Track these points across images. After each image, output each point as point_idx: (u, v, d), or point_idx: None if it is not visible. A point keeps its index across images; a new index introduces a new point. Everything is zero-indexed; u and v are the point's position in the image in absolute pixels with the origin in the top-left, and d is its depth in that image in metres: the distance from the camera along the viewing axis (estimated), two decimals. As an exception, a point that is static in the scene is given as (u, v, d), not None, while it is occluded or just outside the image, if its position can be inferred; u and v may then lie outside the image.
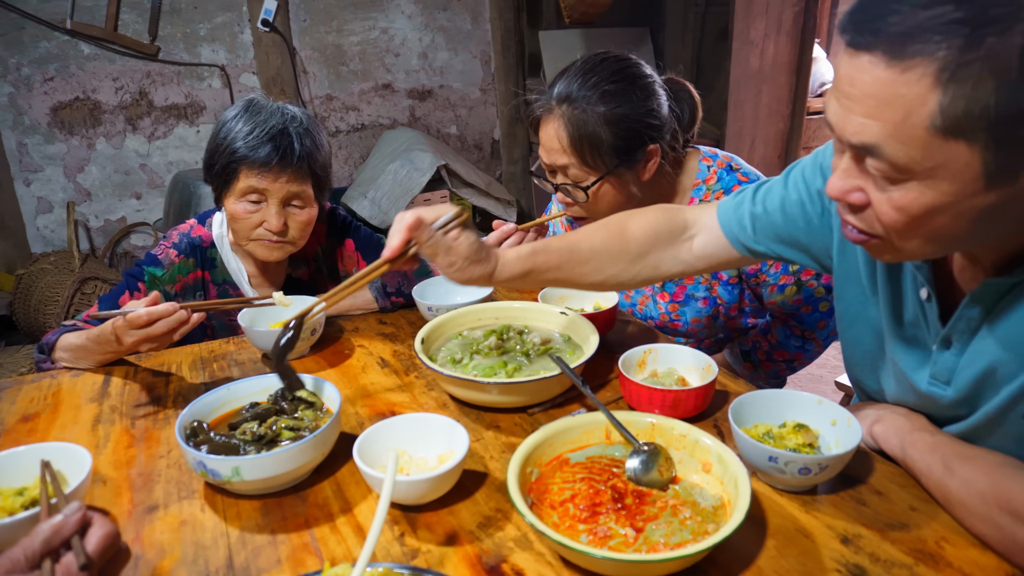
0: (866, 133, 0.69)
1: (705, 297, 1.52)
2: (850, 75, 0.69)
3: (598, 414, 0.96)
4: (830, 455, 0.86)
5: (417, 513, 0.90)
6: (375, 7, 4.18)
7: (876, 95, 0.67)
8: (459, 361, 1.20)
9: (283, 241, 1.46)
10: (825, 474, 0.86)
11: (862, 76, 0.68)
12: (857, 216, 0.77)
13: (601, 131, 1.30)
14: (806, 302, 1.46)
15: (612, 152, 1.33)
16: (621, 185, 1.38)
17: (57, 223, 3.69)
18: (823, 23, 5.90)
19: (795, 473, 0.86)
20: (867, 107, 0.68)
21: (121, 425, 1.15)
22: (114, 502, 0.95)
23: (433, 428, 0.97)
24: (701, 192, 1.45)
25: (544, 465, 0.90)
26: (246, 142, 1.37)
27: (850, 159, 0.75)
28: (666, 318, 1.58)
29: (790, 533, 0.84)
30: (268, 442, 0.97)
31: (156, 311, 1.17)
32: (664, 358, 1.17)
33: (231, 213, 1.44)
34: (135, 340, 1.18)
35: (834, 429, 0.95)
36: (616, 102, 1.30)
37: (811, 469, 0.85)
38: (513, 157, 4.82)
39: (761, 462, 0.88)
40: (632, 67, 1.35)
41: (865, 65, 0.67)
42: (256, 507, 0.93)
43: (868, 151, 0.70)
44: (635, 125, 1.32)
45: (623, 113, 1.31)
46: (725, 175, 1.44)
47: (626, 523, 0.81)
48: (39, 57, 3.45)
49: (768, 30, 4.39)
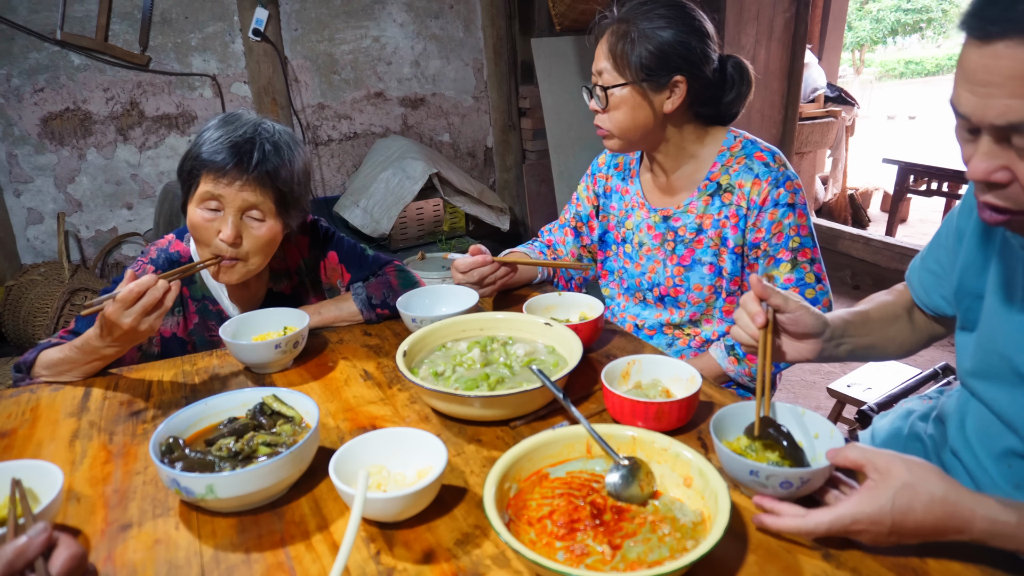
0: (1013, 112, 0.73)
1: (712, 263, 1.56)
2: (984, 64, 0.74)
3: (579, 427, 0.95)
4: (812, 469, 0.84)
5: (394, 530, 0.89)
6: (367, 16, 4.18)
7: (1020, 75, 0.72)
8: (441, 374, 1.19)
9: (235, 259, 1.40)
10: (807, 488, 0.85)
11: (999, 62, 0.73)
12: (999, 194, 0.81)
13: (638, 44, 1.42)
14: (796, 283, 1.48)
15: (641, 66, 1.43)
16: (639, 103, 1.47)
17: (47, 234, 3.67)
18: (814, 29, 5.93)
19: (776, 487, 0.85)
20: (1011, 88, 0.73)
21: (99, 440, 1.13)
22: (88, 520, 0.93)
23: (412, 443, 0.96)
24: (724, 158, 1.55)
25: (523, 480, 0.89)
26: (210, 147, 1.36)
27: (991, 141, 0.78)
28: (670, 282, 1.63)
29: (772, 548, 0.83)
30: (244, 458, 0.96)
31: (143, 282, 1.19)
32: (648, 369, 1.16)
33: (191, 221, 1.39)
34: (133, 317, 1.18)
35: (816, 442, 0.94)
36: (659, 24, 1.43)
37: (792, 483, 0.84)
38: (506, 164, 4.82)
39: (742, 476, 0.87)
40: (686, 7, 1.47)
41: (1001, 50, 0.72)
42: (232, 524, 0.92)
43: (1017, 129, 0.74)
44: (669, 50, 1.42)
45: (661, 35, 1.42)
46: (749, 145, 1.54)
47: (604, 540, 0.80)
48: (29, 68, 3.44)
49: (760, 36, 4.41)
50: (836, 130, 5.51)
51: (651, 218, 1.64)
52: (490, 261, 1.56)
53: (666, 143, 1.56)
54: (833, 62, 6.28)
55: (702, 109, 1.53)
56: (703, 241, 1.57)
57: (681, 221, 1.59)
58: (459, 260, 1.57)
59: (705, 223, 1.55)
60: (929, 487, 0.78)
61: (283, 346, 1.30)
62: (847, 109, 5.71)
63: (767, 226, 1.48)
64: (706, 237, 1.56)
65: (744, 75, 1.53)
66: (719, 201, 1.53)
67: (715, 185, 1.54)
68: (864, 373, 2.34)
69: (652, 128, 1.51)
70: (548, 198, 4.69)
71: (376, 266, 1.65)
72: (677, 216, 1.59)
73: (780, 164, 1.50)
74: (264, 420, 1.04)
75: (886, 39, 20.21)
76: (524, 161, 4.79)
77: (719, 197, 1.53)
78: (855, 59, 18.67)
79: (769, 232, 1.49)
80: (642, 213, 1.66)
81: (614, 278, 1.78)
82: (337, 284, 1.69)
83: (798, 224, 1.48)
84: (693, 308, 1.62)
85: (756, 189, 1.48)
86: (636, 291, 1.71)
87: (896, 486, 0.78)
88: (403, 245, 4.12)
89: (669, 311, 1.66)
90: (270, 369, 1.35)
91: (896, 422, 1.31)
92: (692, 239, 1.58)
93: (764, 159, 1.50)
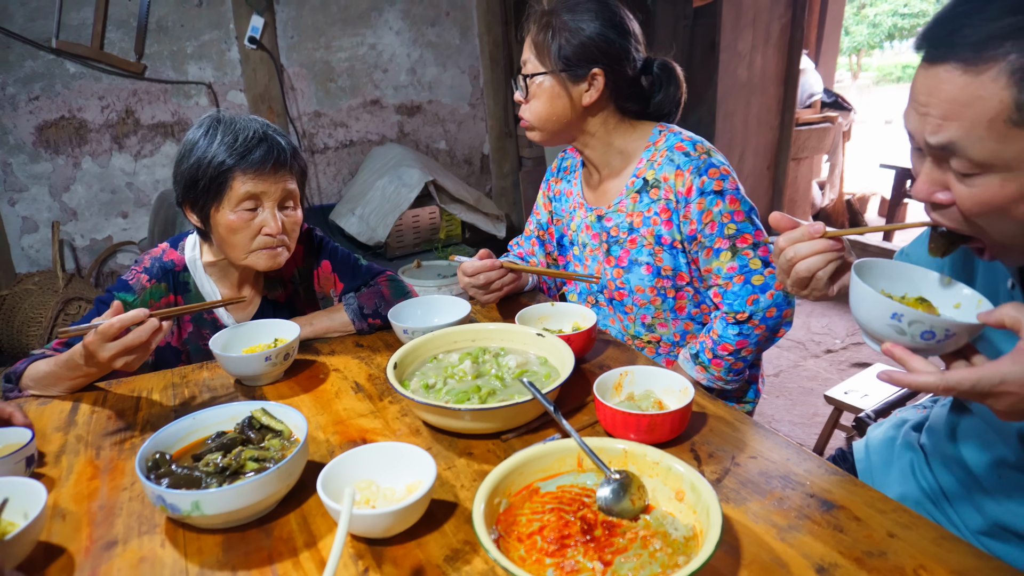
0: (945, 132, 0.77)
1: (649, 263, 1.55)
2: (927, 86, 0.78)
3: (571, 441, 0.94)
4: (961, 322, 0.79)
5: (384, 546, 0.87)
6: (363, 24, 4.18)
7: (955, 99, 0.76)
8: (432, 386, 1.18)
9: (282, 245, 1.45)
10: (949, 343, 0.80)
11: (940, 85, 0.77)
12: (942, 213, 0.84)
13: (559, 34, 1.45)
14: (740, 271, 1.45)
15: (560, 56, 1.46)
16: (559, 93, 1.49)
17: (42, 243, 3.66)
18: (811, 34, 5.93)
19: (917, 336, 0.80)
20: (946, 110, 0.77)
21: (86, 456, 1.12)
22: (72, 538, 0.92)
23: (402, 457, 0.95)
24: (649, 153, 1.54)
25: (513, 495, 0.88)
26: (235, 149, 1.36)
27: (931, 163, 0.82)
28: (612, 285, 1.62)
29: (765, 563, 0.81)
30: (232, 474, 0.95)
31: (126, 318, 1.15)
32: (641, 380, 1.15)
33: (228, 225, 1.40)
34: (111, 354, 1.16)
35: (957, 312, 0.89)
36: (582, 17, 1.45)
37: (935, 333, 0.79)
38: (503, 171, 4.81)
39: (881, 320, 0.82)
40: (610, 4, 1.48)
41: (942, 74, 0.76)
42: (218, 541, 0.90)
43: (950, 150, 0.78)
44: (588, 42, 1.45)
45: (583, 27, 1.45)
46: (672, 136, 1.53)
47: (594, 556, 0.79)
48: (24, 76, 3.44)
49: (756, 42, 4.41)
50: (833, 135, 5.51)
51: (588, 217, 1.64)
52: (498, 266, 1.55)
53: (590, 136, 1.56)
54: (830, 67, 6.28)
55: (627, 104, 1.54)
56: (636, 240, 1.55)
57: (613, 221, 1.58)
58: (467, 263, 1.56)
59: (636, 221, 1.54)
60: None
61: (273, 358, 1.29)
62: (844, 114, 5.71)
63: (698, 217, 1.46)
64: (639, 236, 1.54)
65: (672, 76, 1.54)
66: (647, 198, 1.52)
67: (642, 181, 1.53)
68: (861, 380, 2.33)
69: (571, 120, 1.52)
70: (545, 204, 4.68)
71: (369, 276, 1.65)
72: (609, 216, 1.59)
73: (702, 152, 1.47)
74: (253, 434, 1.03)
75: (883, 44, 20.25)
76: (520, 168, 4.79)
77: (647, 193, 1.52)
78: (852, 64, 18.70)
79: (701, 223, 1.46)
80: (581, 213, 1.66)
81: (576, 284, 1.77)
82: (330, 293, 1.68)
83: (730, 210, 1.44)
84: (641, 311, 1.60)
85: (680, 180, 1.46)
86: (588, 295, 1.71)
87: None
88: (399, 253, 4.11)
89: (619, 317, 1.66)
90: (261, 382, 1.34)
91: (890, 431, 1.30)
92: (626, 239, 1.56)
93: (684, 148, 1.48)
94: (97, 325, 1.15)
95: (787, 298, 1.46)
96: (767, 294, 1.44)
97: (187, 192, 1.42)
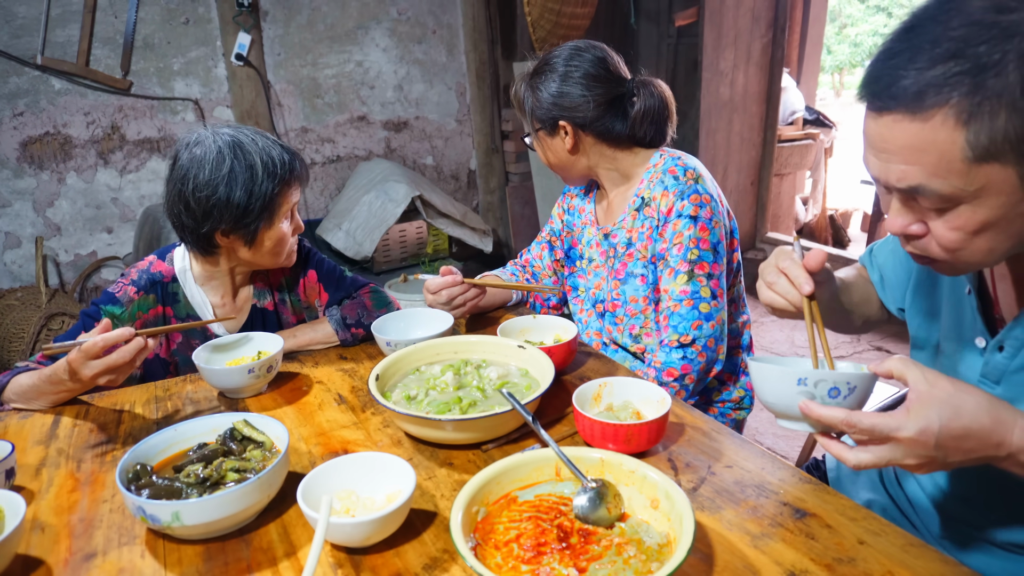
0: (909, 178, 0.78)
1: (643, 275, 1.61)
2: (880, 133, 0.80)
3: (549, 450, 0.95)
4: (858, 374, 0.85)
5: (363, 555, 0.88)
6: (350, 41, 4.21)
7: (910, 145, 0.77)
8: (414, 397, 1.19)
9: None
10: (853, 397, 0.86)
11: (892, 133, 0.78)
12: (916, 244, 0.86)
13: (529, 100, 1.62)
14: (691, 296, 1.50)
15: (534, 118, 1.62)
16: (549, 145, 1.65)
17: (25, 258, 3.64)
18: (792, 53, 6.04)
19: (825, 396, 0.85)
20: (904, 156, 0.78)
21: (66, 469, 1.12)
22: (51, 550, 0.92)
23: (381, 467, 0.96)
24: (649, 174, 1.61)
25: (491, 504, 0.89)
26: (280, 166, 1.42)
27: (899, 201, 0.84)
28: (609, 296, 1.69)
29: (737, 570, 0.83)
30: (212, 484, 0.95)
31: (111, 337, 1.15)
32: (619, 391, 1.17)
33: (280, 237, 1.48)
34: (94, 372, 1.16)
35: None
36: (545, 80, 1.59)
37: (840, 389, 0.85)
38: (490, 187, 4.84)
39: (790, 391, 0.87)
40: (556, 59, 1.59)
41: (891, 123, 0.78)
42: (198, 552, 0.91)
43: (916, 192, 0.79)
44: (548, 103, 1.58)
45: (542, 91, 1.59)
46: (669, 160, 1.60)
47: (570, 563, 0.80)
48: (9, 93, 3.44)
49: (738, 61, 4.48)
50: (815, 152, 5.58)
51: (597, 235, 1.72)
52: (460, 282, 1.59)
53: (595, 167, 1.66)
54: (811, 85, 6.39)
55: (611, 131, 1.59)
56: (633, 254, 1.62)
57: (617, 237, 1.65)
58: (429, 280, 1.61)
59: (634, 237, 1.61)
60: (975, 395, 0.79)
61: (256, 371, 1.30)
62: (826, 131, 5.79)
63: (670, 236, 1.52)
64: (635, 250, 1.61)
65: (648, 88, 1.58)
66: (643, 215, 1.59)
67: (640, 200, 1.60)
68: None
69: (569, 163, 1.65)
70: (531, 220, 4.71)
71: (353, 288, 1.67)
72: (615, 233, 1.66)
73: (690, 178, 1.53)
74: (234, 446, 1.03)
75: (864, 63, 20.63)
76: (507, 183, 4.82)
77: (643, 211, 1.59)
78: (835, 82, 18.98)
79: (671, 243, 1.52)
80: (592, 231, 1.74)
81: (578, 294, 1.82)
82: (315, 304, 1.69)
83: (698, 237, 1.50)
84: (631, 320, 1.64)
85: (664, 201, 1.53)
86: (593, 306, 1.76)
87: (942, 397, 0.78)
88: (386, 268, 4.12)
89: (607, 328, 1.70)
90: (244, 394, 1.35)
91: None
92: (624, 252, 1.63)
93: (676, 172, 1.55)
94: (82, 343, 1.15)
95: (722, 334, 1.53)
96: (710, 324, 1.50)
97: (237, 221, 1.41)
